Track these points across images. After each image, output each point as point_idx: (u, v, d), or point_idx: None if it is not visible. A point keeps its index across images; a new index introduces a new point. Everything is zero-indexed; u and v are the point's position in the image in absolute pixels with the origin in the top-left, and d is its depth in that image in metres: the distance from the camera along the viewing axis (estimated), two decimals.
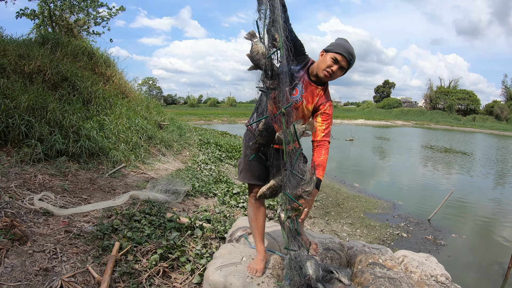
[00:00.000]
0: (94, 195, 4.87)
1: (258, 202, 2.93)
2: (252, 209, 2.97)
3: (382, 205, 7.68)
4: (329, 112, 2.87)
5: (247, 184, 3.03)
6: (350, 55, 2.66)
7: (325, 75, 2.70)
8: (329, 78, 2.74)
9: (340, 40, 2.75)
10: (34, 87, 6.59)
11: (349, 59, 2.66)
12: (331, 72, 2.68)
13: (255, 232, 3.01)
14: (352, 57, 2.67)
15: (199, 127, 20.15)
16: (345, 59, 2.65)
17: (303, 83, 2.77)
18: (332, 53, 2.67)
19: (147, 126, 9.00)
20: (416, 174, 12.75)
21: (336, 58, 2.65)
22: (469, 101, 68.44)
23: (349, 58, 2.65)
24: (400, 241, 5.63)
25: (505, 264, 4.72)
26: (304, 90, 2.78)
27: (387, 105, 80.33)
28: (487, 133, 47.37)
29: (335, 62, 2.66)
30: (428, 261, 3.45)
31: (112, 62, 11.24)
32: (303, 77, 2.78)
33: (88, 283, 2.88)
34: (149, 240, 3.70)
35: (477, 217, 7.53)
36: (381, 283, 2.81)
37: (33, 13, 11.92)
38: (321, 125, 2.84)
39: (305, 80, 2.78)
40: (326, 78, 2.73)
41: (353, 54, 2.69)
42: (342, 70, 2.71)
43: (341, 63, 2.66)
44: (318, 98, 2.83)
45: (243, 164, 2.93)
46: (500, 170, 14.61)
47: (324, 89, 2.85)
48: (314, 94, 2.81)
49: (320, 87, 2.82)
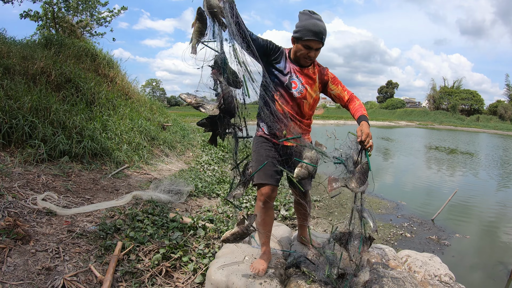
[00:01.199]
0: (97, 195, 4.88)
1: (267, 206, 2.87)
2: (260, 213, 2.90)
3: (386, 205, 7.65)
4: (333, 75, 2.88)
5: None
6: (319, 35, 2.59)
7: (307, 62, 2.72)
8: (312, 61, 2.75)
9: (305, 20, 2.64)
10: (38, 88, 6.62)
11: (320, 39, 2.61)
12: (311, 57, 2.68)
13: (262, 235, 2.98)
14: (322, 33, 2.61)
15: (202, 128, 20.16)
16: (316, 41, 2.61)
17: (296, 73, 2.76)
18: (302, 42, 2.63)
19: (150, 127, 9.03)
20: (419, 174, 12.69)
21: (308, 45, 2.62)
22: (472, 101, 68.30)
23: (320, 38, 2.60)
24: (404, 241, 5.60)
25: (510, 264, 4.71)
26: (301, 77, 2.76)
27: (391, 106, 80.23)
28: (491, 133, 47.21)
29: (308, 48, 2.63)
30: (432, 261, 3.44)
31: (115, 63, 11.29)
32: (292, 68, 2.76)
33: (90, 282, 2.89)
34: (152, 239, 3.71)
35: (482, 217, 7.49)
36: (384, 283, 2.80)
37: (37, 15, 11.97)
38: (338, 88, 2.87)
39: (295, 69, 2.76)
40: (309, 63, 2.75)
41: (322, 31, 2.60)
42: (319, 50, 2.69)
43: (315, 47, 2.63)
44: (317, 75, 2.83)
45: (255, 166, 2.87)
46: (505, 171, 14.53)
47: (314, 65, 2.84)
48: (311, 75, 2.80)
49: (311, 66, 2.81)
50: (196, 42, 2.25)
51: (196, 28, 2.23)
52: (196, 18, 2.23)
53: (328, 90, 2.89)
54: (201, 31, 2.25)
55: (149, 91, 76.37)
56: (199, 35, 2.25)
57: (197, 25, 2.23)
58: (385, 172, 13.07)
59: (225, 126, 2.53)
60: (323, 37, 2.60)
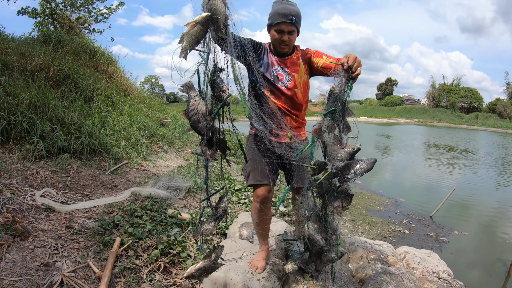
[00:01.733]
0: (95, 191, 4.89)
1: (264, 207, 2.82)
2: (256, 215, 2.87)
3: (384, 202, 7.67)
4: (315, 50, 2.76)
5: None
6: (289, 16, 2.53)
7: (283, 48, 2.66)
8: (289, 46, 2.67)
9: (275, 7, 2.61)
10: (36, 85, 6.62)
11: (290, 20, 2.54)
12: (285, 41, 2.62)
13: (260, 234, 2.98)
14: (292, 14, 2.55)
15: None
16: (286, 23, 2.55)
17: (280, 64, 2.71)
18: (274, 27, 2.60)
19: (149, 123, 9.02)
20: (418, 171, 12.72)
21: (279, 29, 2.58)
22: (472, 99, 68.28)
23: (289, 19, 2.53)
24: (402, 237, 5.62)
25: (508, 261, 4.71)
26: (286, 67, 2.72)
27: (390, 103, 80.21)
28: (490, 131, 47.25)
29: (281, 32, 2.58)
30: (430, 258, 3.45)
31: (114, 60, 11.28)
32: (275, 60, 2.71)
33: (89, 278, 2.90)
34: (150, 235, 3.71)
35: (480, 215, 7.51)
36: (382, 279, 2.81)
37: (35, 12, 11.95)
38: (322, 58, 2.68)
39: (278, 60, 2.71)
40: (286, 49, 2.68)
41: (292, 13, 2.55)
42: (292, 33, 2.62)
43: (286, 30, 2.57)
44: (301, 59, 2.75)
45: (250, 166, 2.81)
46: (504, 168, 14.56)
47: (297, 51, 2.77)
48: (295, 60, 2.73)
49: (294, 53, 2.75)
50: (189, 47, 1.95)
51: (195, 32, 1.94)
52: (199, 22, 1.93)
53: (314, 67, 2.74)
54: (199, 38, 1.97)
55: (148, 87, 76.31)
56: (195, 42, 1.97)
57: (196, 29, 1.94)
58: (384, 169, 13.09)
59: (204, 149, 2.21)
60: (293, 19, 2.53)
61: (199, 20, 1.93)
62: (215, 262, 2.35)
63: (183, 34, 1.96)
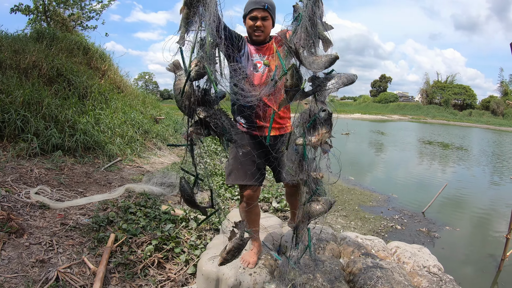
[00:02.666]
0: (90, 188, 4.92)
1: (252, 205, 2.83)
2: (244, 213, 2.88)
3: (377, 198, 7.72)
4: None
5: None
6: (262, 3, 2.57)
7: (257, 36, 2.67)
8: (263, 34, 2.67)
9: None
10: (30, 82, 6.62)
11: (263, 6, 2.57)
12: (259, 28, 2.63)
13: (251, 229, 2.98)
14: (265, 2, 2.59)
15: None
16: (259, 9, 2.58)
17: (258, 52, 2.72)
18: (247, 16, 2.64)
19: (143, 120, 9.03)
20: (411, 168, 12.78)
21: (252, 16, 2.61)
22: (465, 96, 68.45)
23: (262, 5, 2.57)
24: (394, 233, 5.67)
25: (499, 256, 4.75)
26: (263, 54, 2.72)
27: (384, 100, 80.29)
28: (484, 128, 47.41)
29: (255, 19, 2.61)
30: (421, 252, 3.51)
31: (107, 56, 11.26)
32: (253, 49, 2.72)
33: (84, 274, 2.93)
34: (144, 231, 3.75)
35: (472, 211, 7.58)
36: (373, 273, 2.86)
37: (28, 9, 11.91)
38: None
39: (255, 49, 2.72)
40: (261, 37, 2.68)
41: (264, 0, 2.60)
42: (266, 19, 2.64)
43: (259, 15, 2.60)
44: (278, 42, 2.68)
45: (233, 164, 2.79)
46: (496, 165, 14.67)
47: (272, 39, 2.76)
48: (271, 47, 2.73)
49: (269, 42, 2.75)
50: (185, 31, 1.99)
51: (184, 15, 1.98)
52: (184, 3, 1.97)
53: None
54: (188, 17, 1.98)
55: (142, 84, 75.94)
56: (188, 23, 1.99)
57: (185, 12, 1.97)
58: (377, 165, 13.16)
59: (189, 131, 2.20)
60: (265, 5, 2.57)
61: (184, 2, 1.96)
62: (242, 239, 2.38)
63: (180, 21, 1.99)
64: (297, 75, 1.97)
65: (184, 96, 2.00)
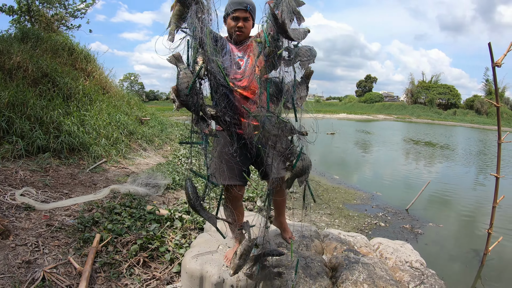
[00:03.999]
0: (75, 189, 4.93)
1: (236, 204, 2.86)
2: (228, 211, 2.80)
3: (361, 196, 7.83)
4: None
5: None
6: (243, 4, 2.64)
7: (238, 35, 2.72)
8: (244, 34, 2.74)
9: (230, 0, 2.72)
10: (14, 83, 6.58)
11: (245, 8, 2.64)
12: (240, 28, 2.69)
13: (233, 228, 2.95)
14: (246, 3, 2.66)
15: (181, 122, 20.10)
16: (241, 10, 2.65)
17: (239, 51, 2.76)
18: (230, 16, 2.68)
19: (128, 121, 9.03)
20: (395, 166, 12.93)
21: (234, 16, 2.66)
22: (450, 95, 69.10)
23: (244, 6, 2.64)
24: (378, 230, 5.76)
25: (481, 251, 4.85)
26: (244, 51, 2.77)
27: (369, 100, 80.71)
28: (468, 126, 47.94)
29: (236, 19, 2.67)
30: (403, 248, 3.58)
31: (92, 57, 11.19)
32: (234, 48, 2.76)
33: (70, 274, 2.96)
34: (129, 231, 3.79)
35: (455, 207, 7.71)
36: (354, 268, 2.91)
37: (11, 9, 11.79)
38: None
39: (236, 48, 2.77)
40: (242, 36, 2.74)
41: (245, 1, 2.67)
42: (247, 20, 2.71)
43: (241, 16, 2.66)
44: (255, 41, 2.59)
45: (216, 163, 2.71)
46: (479, 162, 14.89)
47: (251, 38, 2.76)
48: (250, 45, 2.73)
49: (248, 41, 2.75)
50: (175, 27, 2.01)
51: (176, 11, 2.01)
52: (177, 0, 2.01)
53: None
54: (181, 14, 2.01)
55: (127, 85, 75.48)
56: (179, 19, 2.01)
57: (177, 8, 2.01)
58: (362, 164, 13.29)
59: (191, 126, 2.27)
60: (247, 6, 2.64)
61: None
62: (250, 240, 2.44)
63: (170, 18, 2.03)
64: (274, 44, 2.15)
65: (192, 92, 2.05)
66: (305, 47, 2.28)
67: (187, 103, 2.08)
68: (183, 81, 2.03)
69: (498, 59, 4.12)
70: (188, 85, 2.02)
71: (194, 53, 2.10)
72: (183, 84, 2.02)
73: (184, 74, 2.03)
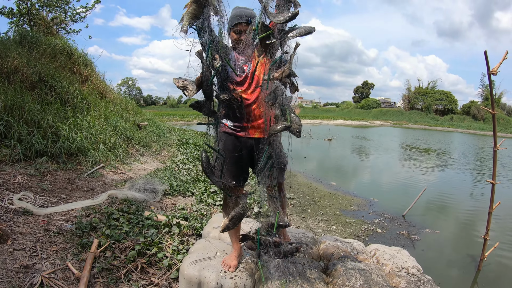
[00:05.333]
0: (73, 194, 4.93)
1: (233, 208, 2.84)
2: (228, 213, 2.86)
3: (358, 202, 7.85)
4: None
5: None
6: (245, 18, 2.70)
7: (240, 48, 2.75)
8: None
9: (233, 11, 2.79)
10: (12, 87, 6.57)
11: (246, 21, 2.70)
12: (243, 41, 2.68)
13: (231, 233, 3.04)
14: (248, 16, 2.72)
15: (178, 127, 20.11)
16: (243, 24, 2.71)
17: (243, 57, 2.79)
18: (232, 29, 2.76)
19: (126, 126, 9.03)
20: (392, 172, 12.96)
21: (236, 30, 2.74)
22: (446, 101, 69.32)
23: (246, 20, 2.70)
24: (375, 236, 5.78)
25: (478, 257, 4.88)
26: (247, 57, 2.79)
27: (366, 106, 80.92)
28: (464, 132, 48.11)
29: (238, 33, 2.74)
30: (400, 254, 3.59)
31: (89, 61, 11.17)
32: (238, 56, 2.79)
33: (68, 279, 2.96)
34: (127, 237, 3.80)
35: (452, 213, 7.76)
36: (351, 275, 2.92)
37: (11, 11, 11.79)
38: None
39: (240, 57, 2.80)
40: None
41: (248, 15, 2.73)
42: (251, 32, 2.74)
43: (242, 29, 2.71)
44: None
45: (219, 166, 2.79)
46: (476, 168, 14.93)
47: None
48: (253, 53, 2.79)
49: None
50: (188, 24, 2.26)
51: (191, 10, 2.26)
52: (193, 0, 2.26)
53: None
54: (196, 14, 2.29)
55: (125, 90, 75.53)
56: (193, 18, 2.28)
57: (192, 8, 2.26)
58: (359, 170, 13.32)
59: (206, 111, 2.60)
60: (248, 18, 2.70)
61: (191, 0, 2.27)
62: (243, 208, 2.72)
63: (183, 14, 2.27)
64: (264, 28, 2.44)
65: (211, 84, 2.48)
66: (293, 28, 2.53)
67: (207, 91, 2.49)
68: (207, 73, 2.43)
69: (494, 67, 4.16)
70: (209, 77, 2.43)
71: (211, 51, 2.40)
72: (206, 76, 2.42)
73: (207, 67, 2.42)
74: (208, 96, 2.54)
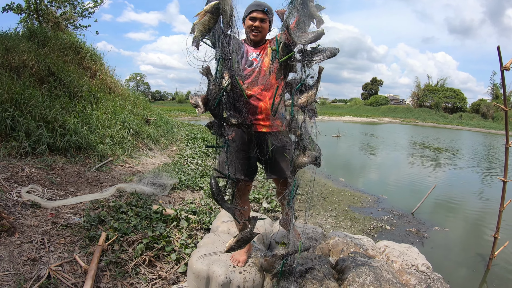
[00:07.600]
0: (81, 188, 4.92)
1: (242, 200, 2.89)
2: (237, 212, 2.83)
3: (367, 199, 7.80)
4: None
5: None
6: (262, 6, 2.75)
7: (255, 36, 2.79)
8: (260, 35, 2.81)
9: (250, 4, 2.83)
10: (21, 81, 6.59)
11: (262, 9, 2.74)
12: (257, 28, 2.77)
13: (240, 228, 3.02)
14: (264, 6, 2.76)
15: (186, 123, 20.11)
16: (258, 11, 2.74)
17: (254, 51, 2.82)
18: (248, 17, 2.77)
19: (134, 121, 9.03)
20: (401, 169, 12.89)
21: (251, 16, 2.75)
22: (456, 99, 68.90)
23: (262, 8, 2.74)
24: (384, 233, 5.73)
25: (487, 255, 4.82)
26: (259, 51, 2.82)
27: (375, 103, 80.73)
28: (474, 130, 47.74)
29: (253, 20, 2.75)
30: (409, 251, 3.56)
31: (98, 56, 11.20)
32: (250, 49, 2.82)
33: (75, 272, 2.95)
34: (135, 230, 3.78)
35: (461, 211, 7.68)
36: (361, 271, 2.91)
37: (20, 7, 11.82)
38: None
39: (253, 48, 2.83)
40: (258, 37, 2.81)
41: (263, 4, 2.78)
42: (264, 22, 2.78)
43: (258, 17, 2.74)
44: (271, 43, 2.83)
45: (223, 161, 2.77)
46: (486, 166, 14.82)
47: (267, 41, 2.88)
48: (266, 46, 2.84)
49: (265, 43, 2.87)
50: (200, 36, 2.16)
51: (205, 21, 2.13)
52: (209, 10, 2.13)
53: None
54: (210, 26, 2.16)
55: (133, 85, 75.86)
56: (205, 30, 2.16)
57: (206, 18, 2.13)
58: (368, 167, 13.25)
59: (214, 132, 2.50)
60: (265, 8, 2.74)
61: (208, 9, 2.12)
62: (251, 233, 2.64)
63: (194, 24, 2.14)
64: (286, 49, 2.30)
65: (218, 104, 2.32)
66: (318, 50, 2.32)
67: (213, 111, 2.35)
68: (212, 92, 2.29)
69: (507, 63, 4.09)
70: (216, 96, 2.28)
71: (220, 67, 2.29)
72: (212, 95, 2.28)
73: (213, 86, 2.28)
74: (216, 116, 2.42)
